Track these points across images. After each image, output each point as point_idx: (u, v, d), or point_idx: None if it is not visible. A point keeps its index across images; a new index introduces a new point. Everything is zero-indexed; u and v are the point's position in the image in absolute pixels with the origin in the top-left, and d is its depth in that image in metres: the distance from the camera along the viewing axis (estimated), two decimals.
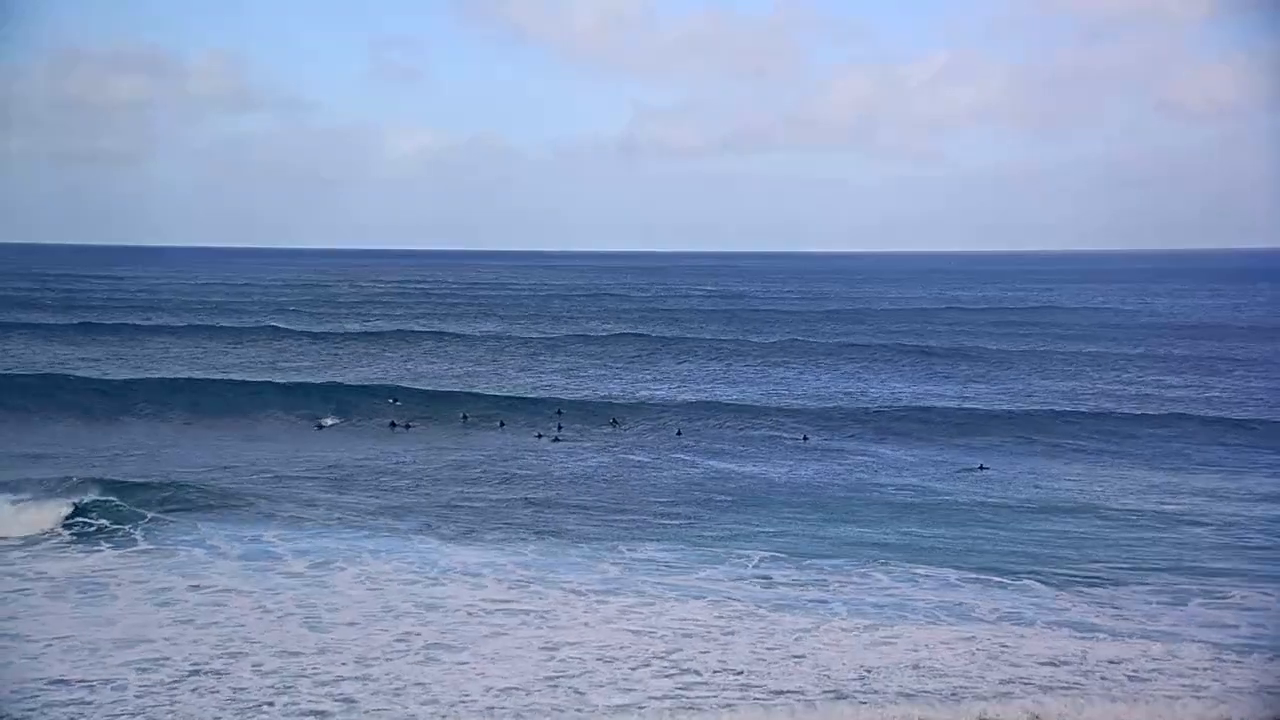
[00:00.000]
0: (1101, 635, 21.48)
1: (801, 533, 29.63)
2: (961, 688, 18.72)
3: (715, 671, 19.46)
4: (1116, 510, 32.37)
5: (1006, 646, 20.73)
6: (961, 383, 58.71)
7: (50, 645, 20.54)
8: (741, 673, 19.37)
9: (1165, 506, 32.91)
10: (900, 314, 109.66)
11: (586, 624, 22.04)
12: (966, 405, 51.83)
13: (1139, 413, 48.20)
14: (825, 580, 25.04)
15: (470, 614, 22.48)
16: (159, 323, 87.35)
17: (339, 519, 30.29)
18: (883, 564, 26.29)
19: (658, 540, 28.53)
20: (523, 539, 28.51)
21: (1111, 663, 20.01)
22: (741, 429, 45.60)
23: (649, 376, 61.95)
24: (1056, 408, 49.47)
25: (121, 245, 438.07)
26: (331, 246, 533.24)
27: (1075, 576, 25.49)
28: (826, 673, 19.38)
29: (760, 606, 23.03)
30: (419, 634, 21.46)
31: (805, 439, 44.15)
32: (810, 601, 23.48)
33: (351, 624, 22.07)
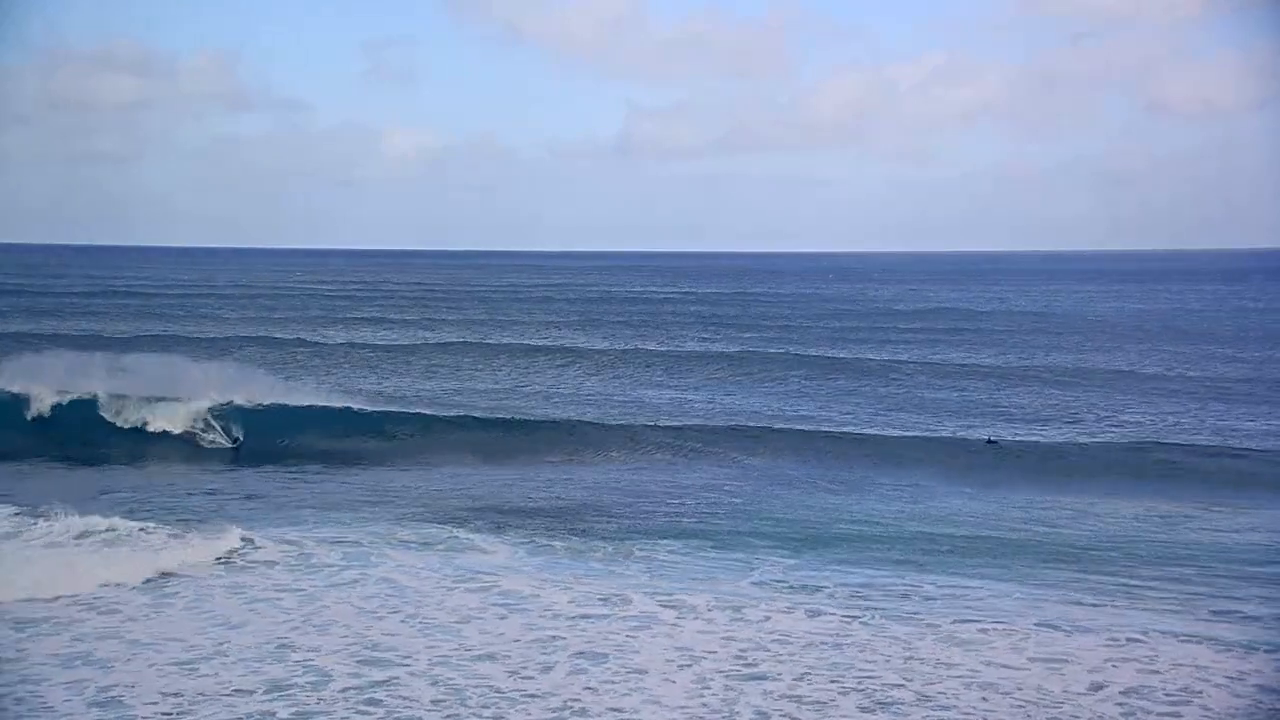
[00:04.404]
0: None
1: (818, 533, 28.39)
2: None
3: (912, 705, 18.07)
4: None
5: (1236, 673, 18.75)
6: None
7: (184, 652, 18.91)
8: (948, 708, 17.98)
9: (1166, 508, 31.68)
10: (893, 314, 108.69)
11: (698, 633, 20.61)
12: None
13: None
14: (886, 584, 23.81)
15: (569, 619, 21.09)
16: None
17: (361, 515, 29.18)
18: (929, 568, 24.99)
19: (673, 538, 27.37)
20: (543, 538, 27.32)
21: None
22: (744, 427, 43.72)
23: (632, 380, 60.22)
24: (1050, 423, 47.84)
25: (133, 246, 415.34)
26: (327, 247, 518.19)
27: (1171, 588, 23.93)
28: (1021, 703, 18.21)
29: (864, 611, 21.83)
30: (561, 640, 19.87)
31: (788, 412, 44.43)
32: (911, 611, 22.15)
33: (463, 623, 20.59)
